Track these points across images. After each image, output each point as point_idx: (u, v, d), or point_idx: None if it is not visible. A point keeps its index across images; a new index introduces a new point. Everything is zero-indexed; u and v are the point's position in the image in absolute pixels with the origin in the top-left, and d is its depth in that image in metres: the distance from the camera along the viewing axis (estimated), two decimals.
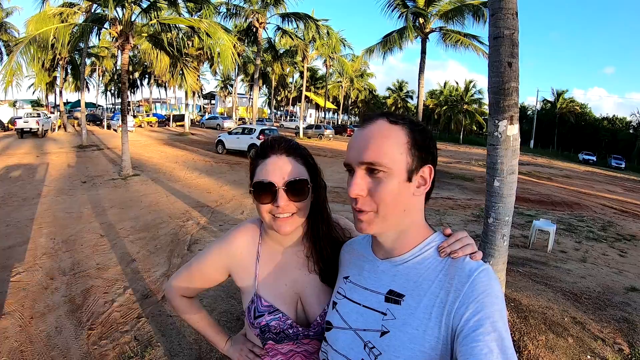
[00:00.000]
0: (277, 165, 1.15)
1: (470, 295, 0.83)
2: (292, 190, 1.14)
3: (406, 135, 0.93)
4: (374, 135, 0.92)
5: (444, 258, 0.94)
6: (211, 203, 9.83)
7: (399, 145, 0.92)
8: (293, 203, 1.14)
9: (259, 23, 23.96)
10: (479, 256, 0.93)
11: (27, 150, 18.55)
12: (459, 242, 0.96)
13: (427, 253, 0.97)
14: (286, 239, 1.26)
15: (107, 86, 49.51)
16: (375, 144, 0.91)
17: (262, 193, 1.14)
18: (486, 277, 0.87)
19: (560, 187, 18.23)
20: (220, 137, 21.62)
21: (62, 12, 14.87)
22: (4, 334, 3.80)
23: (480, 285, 0.84)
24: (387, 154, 0.90)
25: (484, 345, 0.75)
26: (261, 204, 1.15)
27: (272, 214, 1.15)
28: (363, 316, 0.99)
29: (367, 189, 0.91)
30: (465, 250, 0.94)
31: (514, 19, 3.54)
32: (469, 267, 0.89)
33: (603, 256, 7.45)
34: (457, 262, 0.91)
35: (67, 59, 29.48)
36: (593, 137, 56.71)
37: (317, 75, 56.96)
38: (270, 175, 1.14)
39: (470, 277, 0.86)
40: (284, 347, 1.26)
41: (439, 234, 1.01)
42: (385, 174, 0.90)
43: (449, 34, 19.20)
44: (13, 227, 7.17)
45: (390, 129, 0.93)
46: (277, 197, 1.12)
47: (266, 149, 1.20)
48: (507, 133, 3.63)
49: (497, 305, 0.82)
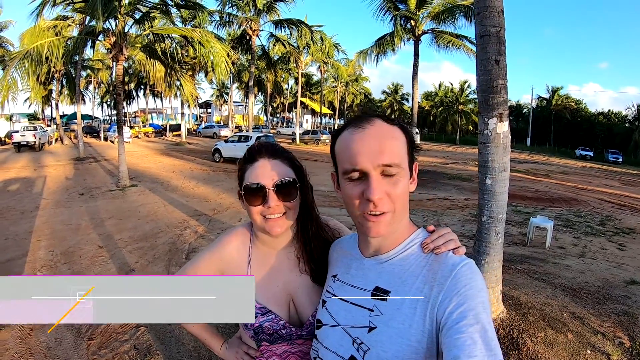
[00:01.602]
0: (265, 168, 1.19)
1: (453, 289, 0.85)
2: (282, 191, 1.17)
3: (404, 135, 0.97)
4: (383, 137, 0.93)
5: (428, 254, 0.96)
6: (209, 211, 9.83)
7: (404, 145, 0.96)
8: (283, 203, 1.18)
9: (252, 30, 24.00)
10: (462, 251, 0.95)
11: (24, 164, 18.54)
12: (442, 237, 0.98)
13: (411, 249, 0.99)
14: (277, 241, 1.28)
15: (103, 98, 49.37)
16: (389, 146, 0.92)
17: (252, 195, 1.18)
18: (469, 270, 0.89)
19: (558, 183, 18.27)
20: (217, 146, 21.67)
21: (56, 25, 14.94)
22: (4, 346, 3.80)
23: (463, 279, 0.86)
24: (399, 155, 0.93)
25: (467, 336, 0.77)
26: (252, 206, 1.18)
27: (263, 215, 1.18)
28: (351, 313, 1.01)
29: (384, 190, 0.91)
30: (448, 246, 0.96)
31: (500, 16, 3.57)
32: (451, 262, 0.91)
33: (602, 250, 7.46)
34: (440, 258, 0.94)
35: (63, 72, 29.45)
36: (589, 133, 56.70)
37: (312, 81, 56.96)
38: (260, 177, 1.17)
39: (452, 271, 0.88)
40: (279, 348, 1.27)
41: (422, 230, 1.04)
42: (399, 175, 0.92)
43: (440, 35, 19.29)
44: (12, 241, 7.17)
45: (393, 129, 0.96)
46: (268, 199, 1.16)
47: (254, 154, 1.23)
48: (497, 130, 3.65)
49: (480, 297, 0.84)
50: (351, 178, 0.94)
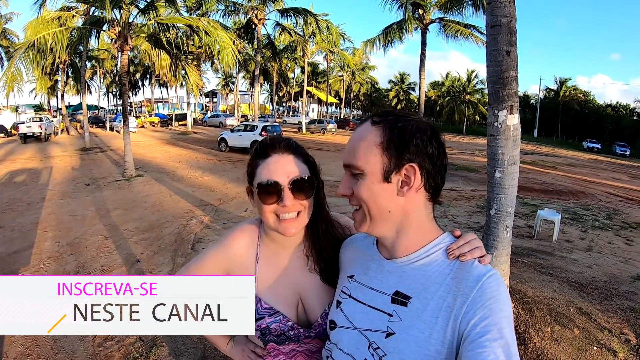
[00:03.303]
0: (279, 164, 1.14)
1: (478, 301, 0.83)
2: (298, 188, 1.12)
3: (381, 135, 0.92)
4: (353, 138, 0.97)
5: (452, 261, 0.93)
6: (215, 201, 9.84)
7: (373, 146, 0.92)
8: (299, 202, 1.13)
9: (258, 19, 23.85)
10: (487, 260, 0.92)
11: (30, 155, 18.65)
12: (468, 244, 0.95)
13: (434, 255, 0.95)
14: (287, 240, 1.24)
15: (108, 88, 49.45)
16: (352, 147, 0.95)
17: (266, 193, 1.12)
18: (494, 282, 0.86)
19: (565, 175, 18.12)
20: (222, 135, 21.64)
21: (61, 16, 14.90)
22: (10, 339, 3.82)
23: (489, 291, 0.84)
24: (360, 157, 0.92)
25: (490, 351, 0.75)
26: (265, 205, 1.13)
27: (276, 214, 1.14)
28: (368, 316, 0.98)
29: (351, 188, 0.95)
30: (474, 254, 0.93)
31: (511, 6, 3.50)
32: (477, 272, 0.88)
33: (609, 245, 7.39)
34: (465, 266, 0.91)
35: (68, 63, 29.50)
36: (597, 125, 56.16)
37: (319, 70, 56.78)
38: (274, 174, 1.12)
39: (478, 282, 0.86)
40: (286, 347, 1.25)
41: (448, 235, 1.00)
42: (360, 175, 0.93)
43: (448, 24, 19.12)
44: (18, 232, 7.22)
45: (368, 130, 0.94)
46: (283, 197, 1.11)
47: (266, 148, 1.18)
48: (507, 123, 3.59)
49: (505, 311, 0.82)
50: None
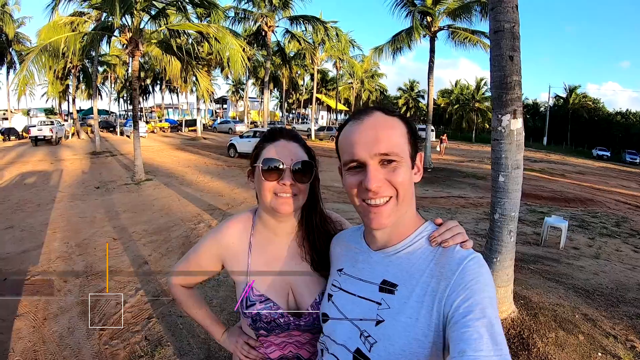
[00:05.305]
0: (286, 148, 1.22)
1: (460, 283, 0.85)
2: (298, 171, 1.20)
3: (404, 125, 0.98)
4: (380, 127, 0.95)
5: (435, 247, 0.96)
6: (223, 206, 9.90)
7: (403, 135, 0.96)
8: (297, 184, 1.20)
9: (268, 26, 24.06)
10: (469, 245, 0.95)
11: (41, 158, 18.88)
12: (450, 231, 0.98)
13: (418, 243, 0.99)
14: (280, 226, 1.30)
15: (119, 93, 50.01)
16: (385, 135, 0.94)
17: (269, 170, 1.19)
18: (476, 264, 0.89)
19: (574, 183, 17.97)
20: (232, 141, 21.75)
21: (73, 22, 15.13)
22: (18, 335, 3.88)
23: (470, 273, 0.87)
24: (398, 144, 0.94)
25: (474, 330, 0.77)
26: (267, 181, 1.19)
27: (274, 192, 1.20)
28: (359, 306, 1.01)
29: (384, 179, 0.93)
30: (456, 239, 0.96)
31: (514, 12, 3.53)
32: (459, 256, 0.91)
33: (616, 252, 7.32)
34: (447, 251, 0.94)
35: (79, 67, 29.93)
36: (607, 133, 55.59)
37: (328, 77, 56.91)
38: (279, 155, 1.20)
39: (460, 265, 0.88)
40: (277, 339, 1.29)
41: (430, 223, 1.04)
42: (398, 163, 0.93)
43: (457, 31, 19.11)
44: (27, 232, 7.31)
45: (391, 120, 0.97)
46: (284, 176, 1.18)
47: (275, 134, 1.27)
48: (510, 127, 3.61)
49: (487, 292, 0.84)
50: (350, 169, 0.97)
